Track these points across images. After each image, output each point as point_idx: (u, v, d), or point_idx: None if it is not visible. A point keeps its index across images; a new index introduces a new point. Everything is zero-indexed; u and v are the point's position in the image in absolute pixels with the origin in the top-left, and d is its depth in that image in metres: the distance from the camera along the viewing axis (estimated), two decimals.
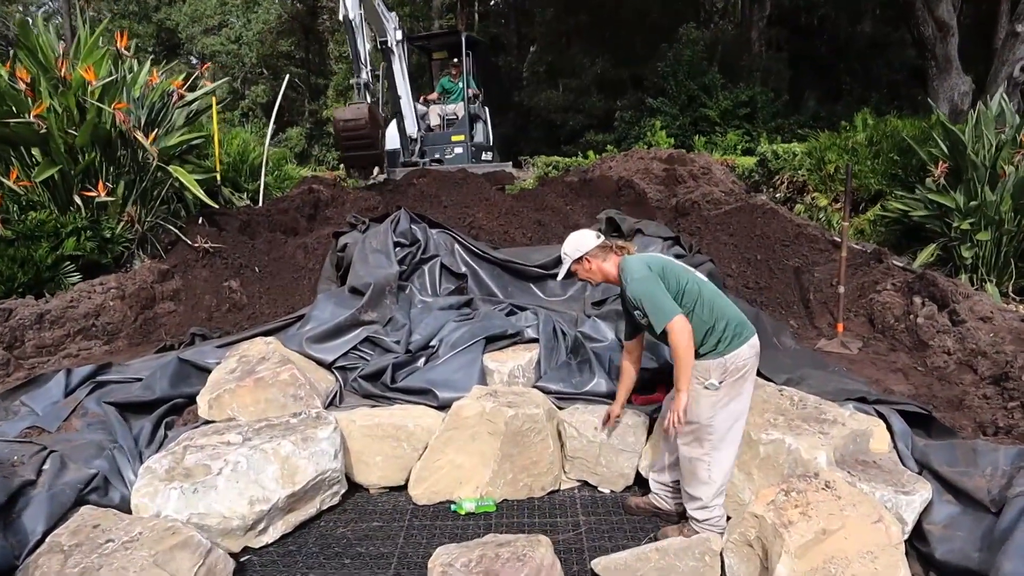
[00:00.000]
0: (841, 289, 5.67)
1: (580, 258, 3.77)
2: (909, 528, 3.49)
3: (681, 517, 3.88)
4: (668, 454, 3.91)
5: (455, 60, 13.79)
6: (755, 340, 3.55)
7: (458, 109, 13.44)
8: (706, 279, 3.71)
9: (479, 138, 13.65)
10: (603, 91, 22.69)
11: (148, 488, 3.72)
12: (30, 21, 6.74)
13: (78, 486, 3.80)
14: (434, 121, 13.45)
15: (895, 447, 3.98)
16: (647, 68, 20.76)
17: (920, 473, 3.80)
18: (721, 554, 3.37)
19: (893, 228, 7.81)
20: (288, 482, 3.88)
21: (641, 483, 4.32)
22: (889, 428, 4.06)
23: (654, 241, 6.33)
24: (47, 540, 3.40)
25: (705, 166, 9.70)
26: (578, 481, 4.47)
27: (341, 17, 9.38)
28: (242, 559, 3.74)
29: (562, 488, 4.46)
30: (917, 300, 5.73)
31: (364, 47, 9.61)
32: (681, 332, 3.31)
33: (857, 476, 3.63)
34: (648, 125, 17.84)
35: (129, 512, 3.73)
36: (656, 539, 3.74)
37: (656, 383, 4.75)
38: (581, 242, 3.78)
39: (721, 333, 3.45)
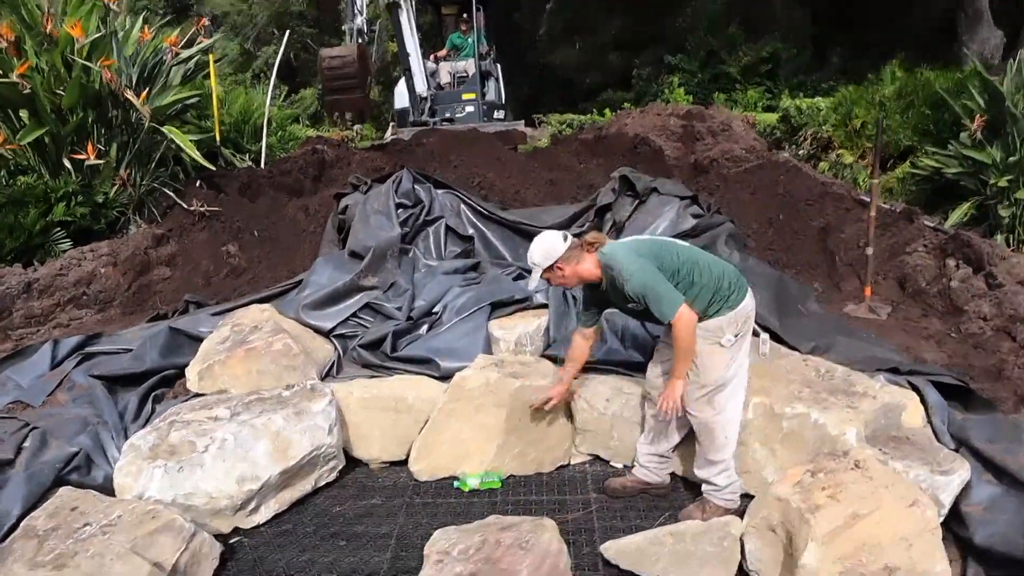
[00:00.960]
0: (870, 250, 5.33)
1: (551, 266, 3.44)
2: (946, 510, 3.22)
3: (669, 487, 3.84)
4: (660, 421, 3.65)
5: (465, 16, 13.34)
6: (750, 290, 3.47)
7: (469, 66, 13.00)
8: (686, 243, 3.57)
9: (491, 96, 13.22)
10: (621, 48, 22.05)
11: (131, 467, 3.52)
12: None
13: (57, 465, 3.60)
14: (444, 79, 13.03)
15: (930, 422, 3.70)
16: (666, 24, 20.15)
17: (957, 450, 3.52)
18: (741, 539, 3.11)
19: (923, 186, 7.40)
20: (280, 459, 3.66)
21: None
22: (923, 401, 3.78)
23: (670, 200, 5.98)
24: (23, 524, 3.21)
25: (725, 122, 9.26)
26: (590, 455, 4.22)
27: None
28: (232, 541, 3.54)
29: (572, 463, 4.21)
30: (951, 262, 5.39)
31: None
32: (687, 325, 3.20)
33: (889, 454, 3.36)
34: (667, 82, 17.34)
35: (113, 492, 3.53)
36: (676, 519, 3.49)
37: None
38: (549, 248, 3.42)
39: (727, 290, 3.33)
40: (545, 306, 4.97)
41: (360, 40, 9.31)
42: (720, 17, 18.50)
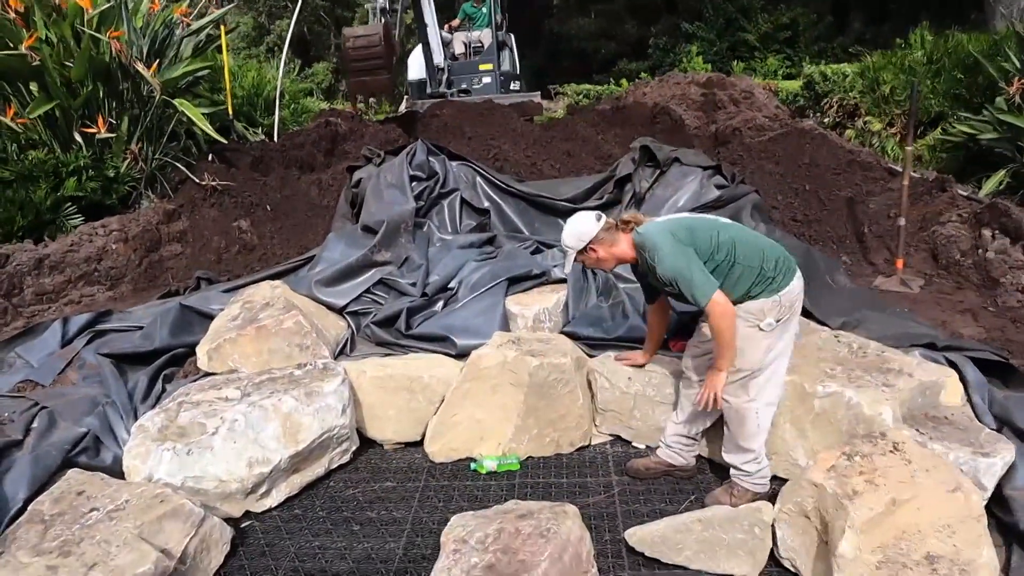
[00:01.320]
0: (902, 221, 5.13)
1: (584, 248, 3.28)
2: (988, 494, 3.05)
3: (694, 470, 3.69)
4: (696, 404, 3.48)
5: None
6: (799, 272, 3.22)
7: (483, 36, 12.76)
8: (730, 221, 3.36)
9: (506, 67, 12.97)
10: (636, 17, 21.66)
11: (140, 448, 3.42)
12: None
13: (64, 447, 3.50)
14: (458, 49, 12.79)
15: (969, 400, 3.53)
16: None
17: (999, 430, 3.34)
18: (773, 525, 2.97)
19: (955, 153, 7.16)
20: (291, 441, 3.54)
21: None
22: (962, 378, 3.59)
23: (693, 171, 5.79)
24: (29, 508, 3.10)
25: (747, 90, 9.02)
26: (610, 435, 4.08)
27: None
28: (243, 525, 3.44)
29: (593, 443, 4.07)
30: (986, 232, 5.18)
31: None
32: (722, 313, 2.98)
33: (928, 435, 3.20)
34: (684, 51, 17.01)
35: (122, 474, 3.43)
36: (702, 504, 3.36)
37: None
38: (582, 229, 3.26)
39: (772, 271, 3.10)
40: (563, 281, 4.83)
41: (384, 19, 9.11)
42: None
